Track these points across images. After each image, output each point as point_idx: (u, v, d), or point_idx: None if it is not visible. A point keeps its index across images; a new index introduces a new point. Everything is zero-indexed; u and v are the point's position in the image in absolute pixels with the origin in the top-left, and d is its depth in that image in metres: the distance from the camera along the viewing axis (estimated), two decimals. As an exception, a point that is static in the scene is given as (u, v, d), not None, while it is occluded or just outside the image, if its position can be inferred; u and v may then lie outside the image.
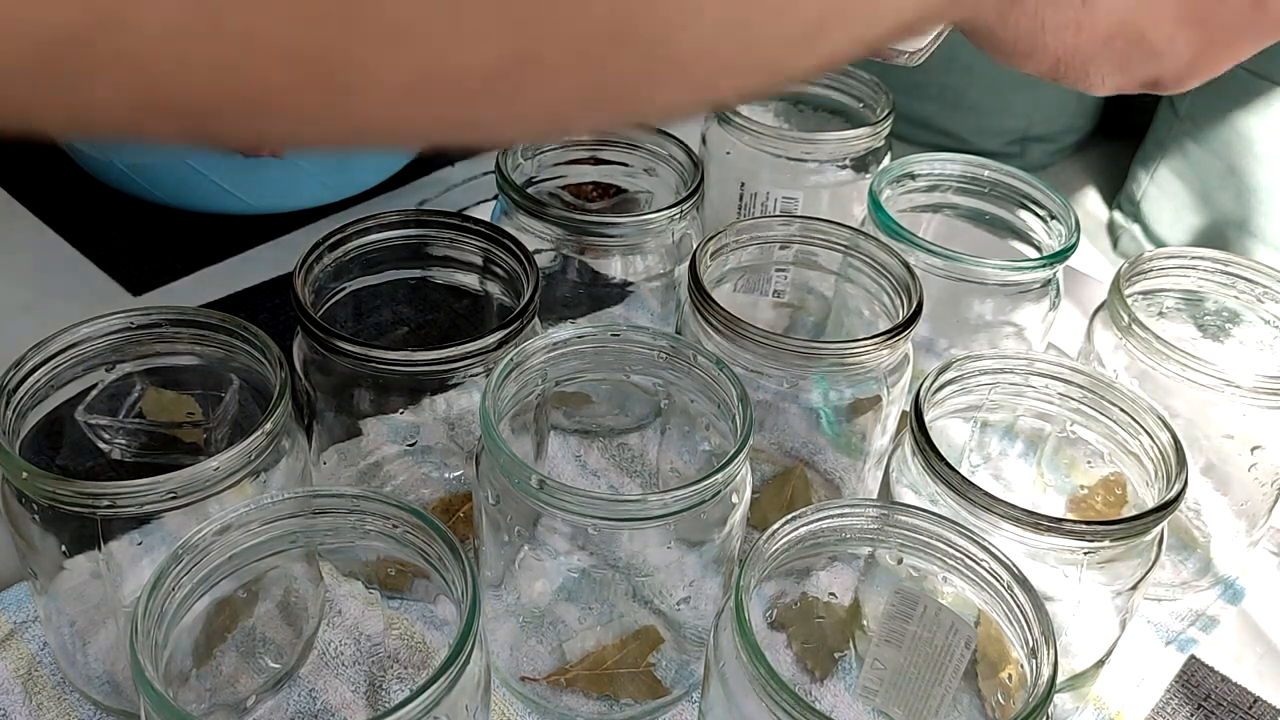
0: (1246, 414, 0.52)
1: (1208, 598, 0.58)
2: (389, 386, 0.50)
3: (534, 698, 0.50)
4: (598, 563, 0.47)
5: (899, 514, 0.42)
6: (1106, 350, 0.55)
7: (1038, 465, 0.56)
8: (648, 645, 0.50)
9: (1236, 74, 1.29)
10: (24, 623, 0.51)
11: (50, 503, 0.42)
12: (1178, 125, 1.38)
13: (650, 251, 0.59)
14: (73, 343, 0.47)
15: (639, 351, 0.49)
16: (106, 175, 0.74)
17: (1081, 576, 0.44)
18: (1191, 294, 0.58)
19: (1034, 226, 0.62)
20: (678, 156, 0.62)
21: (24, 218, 0.77)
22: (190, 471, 0.41)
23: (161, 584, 0.37)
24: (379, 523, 0.41)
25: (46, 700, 0.48)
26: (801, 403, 0.54)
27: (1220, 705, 0.53)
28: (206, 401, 0.51)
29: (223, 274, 0.74)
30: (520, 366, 0.47)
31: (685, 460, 0.55)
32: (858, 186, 0.68)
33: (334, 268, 0.53)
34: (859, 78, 0.71)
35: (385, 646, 0.51)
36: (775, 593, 0.51)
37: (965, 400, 0.50)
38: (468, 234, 0.55)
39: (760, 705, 0.37)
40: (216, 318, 0.48)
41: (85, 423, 0.49)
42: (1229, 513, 0.56)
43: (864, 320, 0.57)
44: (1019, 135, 1.52)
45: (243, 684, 0.48)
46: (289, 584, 0.49)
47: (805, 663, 0.51)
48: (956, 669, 0.44)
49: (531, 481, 0.42)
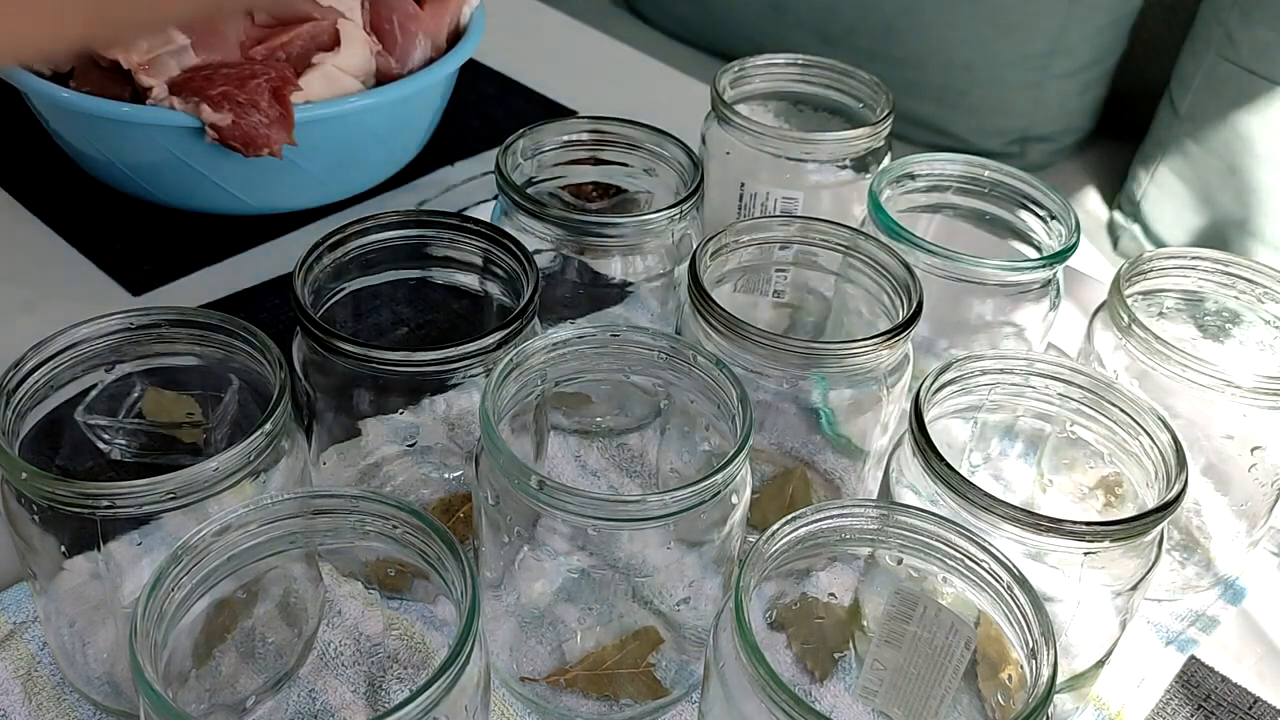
0: (1246, 414, 0.52)
1: (1208, 598, 0.58)
2: (389, 387, 0.50)
3: (533, 698, 0.50)
4: (597, 563, 0.47)
5: (899, 514, 0.42)
6: (1106, 350, 0.55)
7: (1038, 465, 0.56)
8: (647, 645, 0.50)
9: (1236, 74, 1.30)
10: (24, 623, 0.51)
11: (50, 503, 0.42)
12: (1178, 125, 1.38)
13: (650, 251, 0.59)
14: (72, 343, 0.47)
15: (639, 352, 0.49)
16: (107, 175, 0.74)
17: (1081, 576, 0.44)
18: (1191, 294, 0.58)
19: (1034, 226, 0.62)
20: (678, 157, 0.62)
21: (24, 218, 0.77)
22: (190, 472, 0.41)
23: (161, 584, 0.37)
24: (378, 523, 0.41)
25: (46, 701, 0.48)
26: (801, 403, 0.54)
27: (1220, 706, 0.53)
28: (206, 402, 0.51)
29: (222, 274, 0.74)
30: (520, 367, 0.47)
31: (685, 460, 0.55)
32: (858, 186, 0.68)
33: (334, 268, 0.53)
34: (859, 78, 0.71)
35: (385, 647, 0.51)
36: (775, 593, 0.51)
37: (965, 400, 0.50)
38: (467, 234, 0.55)
39: (760, 706, 0.37)
40: (216, 318, 0.48)
41: (85, 423, 0.49)
42: (1229, 513, 0.56)
43: (864, 320, 0.57)
44: (1019, 135, 1.52)
45: (242, 684, 0.48)
46: (288, 584, 0.49)
47: (805, 663, 0.51)
48: (956, 669, 0.44)
49: (531, 482, 0.42)
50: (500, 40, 0.93)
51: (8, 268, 0.73)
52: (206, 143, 0.68)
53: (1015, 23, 1.43)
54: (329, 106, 0.70)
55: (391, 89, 0.73)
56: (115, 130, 0.69)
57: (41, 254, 0.74)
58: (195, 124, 0.67)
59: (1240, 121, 1.31)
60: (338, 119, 0.71)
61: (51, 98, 0.69)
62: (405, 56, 0.76)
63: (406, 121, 0.78)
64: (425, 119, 0.80)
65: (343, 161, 0.75)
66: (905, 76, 1.50)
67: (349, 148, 0.74)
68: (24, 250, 0.75)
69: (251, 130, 0.67)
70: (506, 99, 0.96)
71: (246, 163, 0.70)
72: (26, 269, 0.73)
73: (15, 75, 0.70)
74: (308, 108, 0.69)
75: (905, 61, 1.50)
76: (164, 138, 0.69)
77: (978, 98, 1.50)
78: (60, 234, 0.76)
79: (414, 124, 0.79)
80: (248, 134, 0.67)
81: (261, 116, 0.67)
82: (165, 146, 0.69)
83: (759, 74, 0.72)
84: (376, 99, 0.72)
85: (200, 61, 0.70)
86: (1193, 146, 1.36)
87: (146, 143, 0.69)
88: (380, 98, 0.72)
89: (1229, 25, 1.31)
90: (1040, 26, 1.43)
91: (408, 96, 0.74)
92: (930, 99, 1.52)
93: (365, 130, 0.74)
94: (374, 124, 0.74)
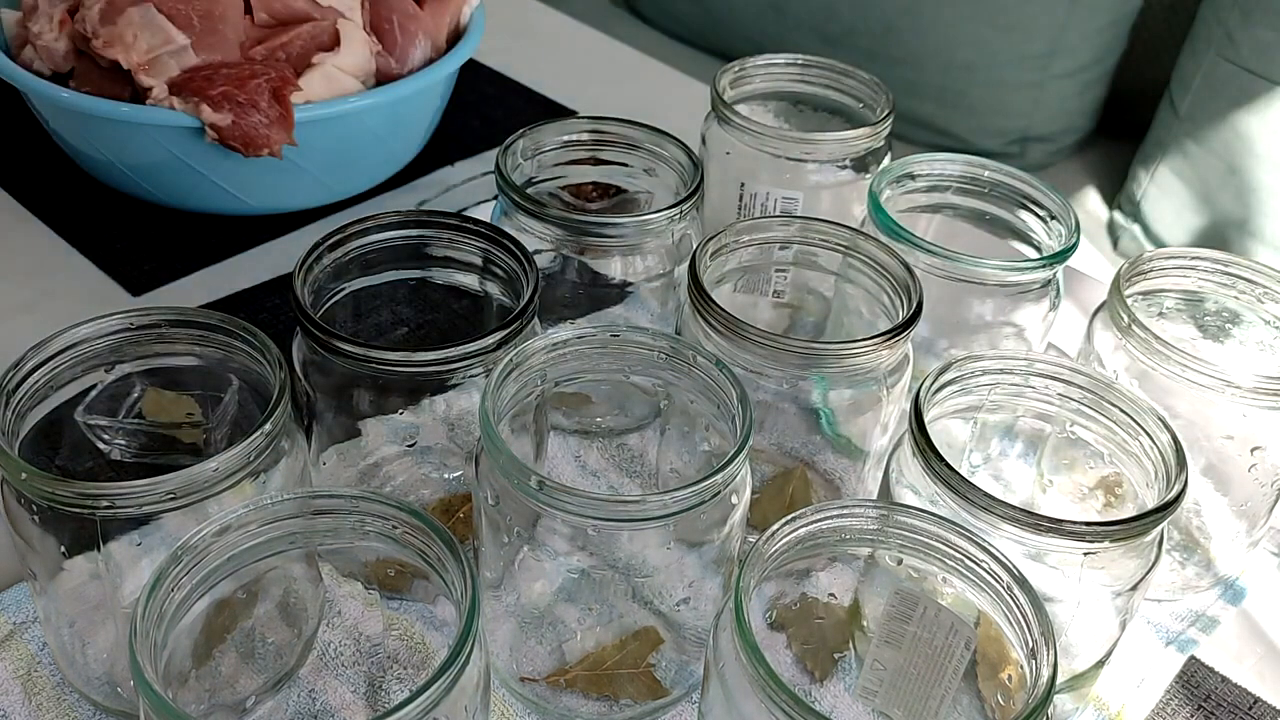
0: (1246, 414, 0.52)
1: (1208, 598, 0.58)
2: (388, 387, 0.50)
3: (533, 698, 0.50)
4: (597, 563, 0.47)
5: (899, 514, 0.42)
6: (1106, 350, 0.55)
7: (1038, 465, 0.56)
8: (647, 646, 0.50)
9: (1236, 74, 1.30)
10: (23, 623, 0.51)
11: (49, 503, 0.42)
12: (1178, 125, 1.38)
13: (650, 252, 0.59)
14: (72, 343, 0.47)
15: (639, 352, 0.49)
16: (107, 175, 0.74)
17: (1081, 577, 0.44)
18: (1191, 294, 0.58)
19: (1034, 226, 0.62)
20: (678, 157, 0.62)
21: (24, 218, 0.77)
22: (189, 472, 0.41)
23: (161, 585, 0.37)
24: (378, 523, 0.41)
25: (46, 701, 0.48)
26: (801, 403, 0.54)
27: (1220, 706, 0.53)
28: (206, 402, 0.51)
29: (222, 274, 0.74)
30: (520, 367, 0.47)
31: (685, 461, 0.55)
32: (858, 186, 0.68)
33: (333, 268, 0.53)
34: (859, 78, 0.71)
35: (385, 647, 0.51)
36: (775, 593, 0.51)
37: (965, 400, 0.50)
38: (467, 234, 0.55)
39: (760, 706, 0.37)
40: (216, 318, 0.48)
41: (85, 423, 0.49)
42: (1229, 513, 0.56)
43: (864, 320, 0.57)
44: (1019, 135, 1.52)
45: (242, 684, 0.48)
46: (288, 585, 0.49)
47: (805, 663, 0.51)
48: (956, 670, 0.44)
49: (531, 482, 0.42)
50: (500, 40, 0.94)
51: (8, 268, 0.73)
52: (206, 143, 0.68)
53: (1015, 23, 1.43)
54: (329, 106, 0.70)
55: (391, 89, 0.73)
56: (115, 130, 0.69)
57: (41, 254, 0.74)
58: (195, 124, 0.67)
59: (1240, 121, 1.31)
60: (337, 119, 0.71)
61: (51, 98, 0.69)
62: (405, 56, 0.76)
63: (406, 121, 0.78)
64: (425, 119, 0.80)
65: (342, 161, 0.75)
66: (905, 76, 1.50)
67: (349, 148, 0.74)
68: (24, 250, 0.75)
69: (251, 130, 0.67)
70: (506, 99, 0.96)
71: (246, 163, 0.70)
72: (26, 269, 0.73)
73: (15, 75, 0.70)
74: (308, 108, 0.69)
75: (905, 61, 1.50)
76: (164, 138, 0.69)
77: (978, 98, 1.50)
78: (60, 234, 0.76)
79: (414, 124, 0.79)
80: (248, 134, 0.67)
81: (261, 116, 0.67)
82: (165, 146, 0.69)
83: (759, 74, 0.72)
84: (376, 99, 0.72)
85: (200, 61, 0.70)
86: (1193, 146, 1.36)
87: (146, 143, 0.69)
88: (380, 98, 0.72)
89: (1229, 25, 1.31)
90: (1040, 26, 1.43)
91: (408, 96, 0.74)
92: (930, 99, 1.52)
93: (365, 130, 0.74)
94: (374, 124, 0.74)
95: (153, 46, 0.68)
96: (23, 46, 0.74)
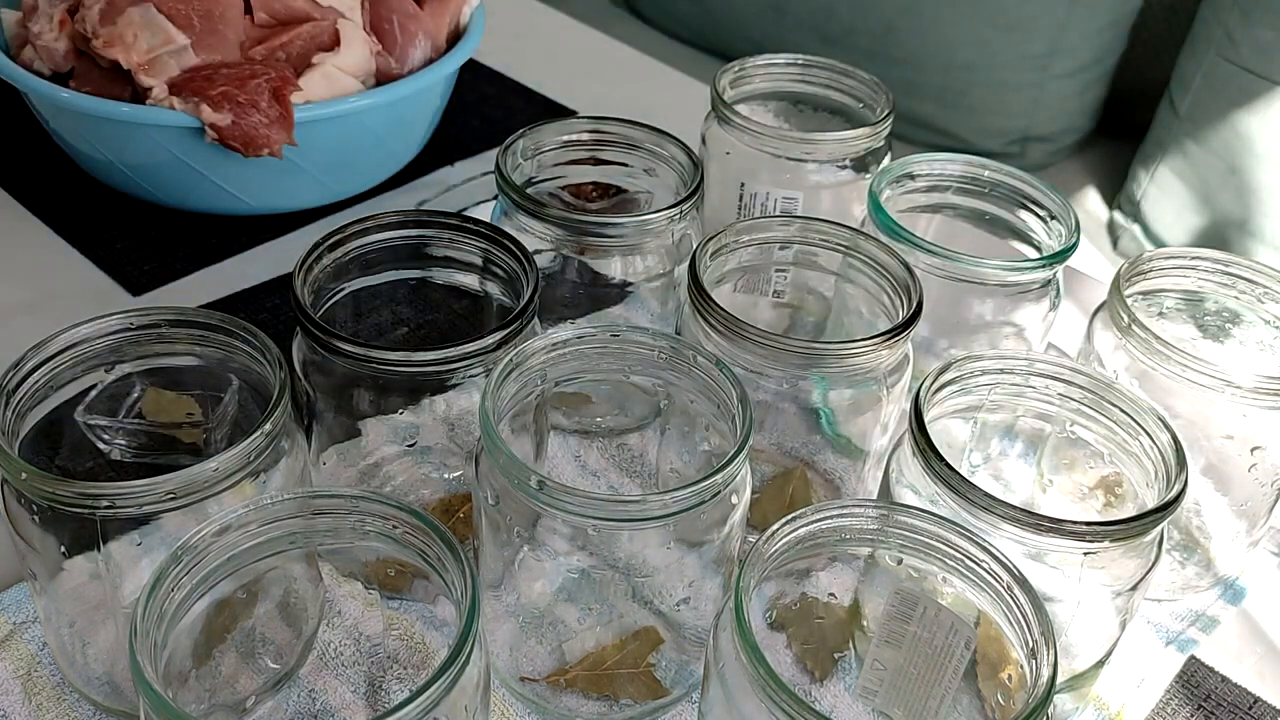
0: (1246, 414, 0.52)
1: (1208, 598, 0.58)
2: (388, 387, 0.50)
3: (534, 698, 0.50)
4: (597, 563, 0.47)
5: (899, 514, 0.42)
6: (1106, 350, 0.55)
7: (1038, 465, 0.56)
8: (647, 646, 0.50)
9: (1236, 74, 1.30)
10: (23, 623, 0.51)
11: (49, 503, 0.42)
12: (1178, 125, 1.38)
13: (650, 252, 0.59)
14: (72, 343, 0.47)
15: (639, 352, 0.49)
16: (107, 175, 0.74)
17: (1081, 577, 0.44)
18: (1191, 294, 0.58)
19: (1034, 226, 0.62)
20: (678, 157, 0.62)
21: (24, 218, 0.77)
22: (189, 472, 0.41)
23: (161, 585, 0.37)
24: (378, 523, 0.41)
25: (46, 701, 0.48)
26: (801, 403, 0.54)
27: (1220, 706, 0.53)
28: (206, 402, 0.51)
29: (222, 274, 0.74)
30: (520, 367, 0.47)
31: (685, 460, 0.55)
32: (858, 186, 0.68)
33: (333, 268, 0.53)
34: (859, 78, 0.71)
35: (385, 647, 0.51)
36: (775, 593, 0.51)
37: (965, 400, 0.50)
38: (467, 234, 0.55)
39: (760, 706, 0.37)
40: (216, 318, 0.48)
41: (85, 423, 0.49)
42: (1229, 513, 0.56)
43: (864, 320, 0.57)
44: (1019, 135, 1.52)
45: (242, 684, 0.48)
46: (288, 585, 0.49)
47: (805, 663, 0.51)
48: (956, 669, 0.44)
49: (531, 482, 0.42)
50: (500, 40, 0.94)
51: (8, 268, 0.73)
52: (206, 143, 0.68)
53: (1015, 23, 1.43)
54: (329, 106, 0.70)
55: (391, 89, 0.73)
56: (115, 130, 0.69)
57: (41, 254, 0.74)
58: (195, 124, 0.67)
59: (1240, 121, 1.31)
60: (337, 119, 0.71)
61: (51, 98, 0.69)
62: (405, 56, 0.76)
63: (406, 121, 0.78)
64: (425, 119, 0.80)
65: (342, 161, 0.75)
66: (905, 76, 1.50)
67: (349, 148, 0.74)
68: (24, 250, 0.75)
69: (251, 130, 0.67)
70: (506, 99, 0.96)
71: (246, 163, 0.70)
72: (26, 269, 0.73)
73: (15, 75, 0.70)
74: (308, 108, 0.69)
75: (905, 61, 1.50)
76: (164, 138, 0.69)
77: (978, 98, 1.50)
78: (60, 234, 0.76)
79: (414, 124, 0.79)
80: (248, 134, 0.67)
81: (261, 116, 0.67)
82: (165, 146, 0.69)
83: (759, 74, 0.72)
84: (376, 99, 0.72)
85: (200, 61, 0.70)
86: (1193, 146, 1.36)
87: (146, 143, 0.69)
88: (380, 98, 0.72)
89: (1229, 25, 1.31)
90: (1040, 26, 1.43)
91: (407, 96, 0.74)
92: (930, 99, 1.52)
93: (365, 130, 0.74)
94: (374, 124, 0.74)
95: (153, 46, 0.68)
96: (23, 46, 0.74)
